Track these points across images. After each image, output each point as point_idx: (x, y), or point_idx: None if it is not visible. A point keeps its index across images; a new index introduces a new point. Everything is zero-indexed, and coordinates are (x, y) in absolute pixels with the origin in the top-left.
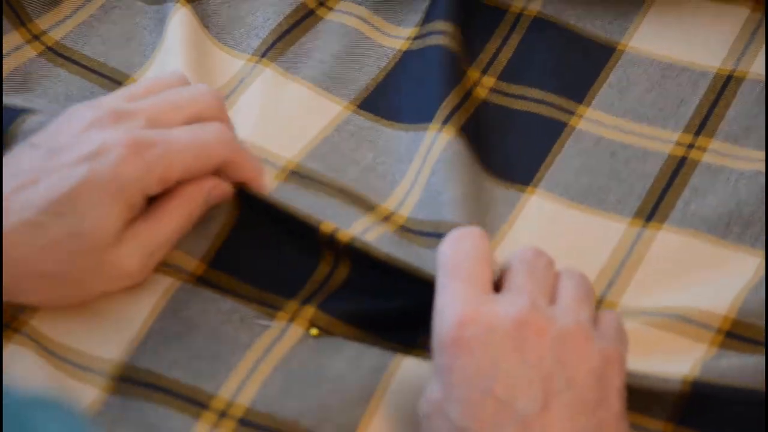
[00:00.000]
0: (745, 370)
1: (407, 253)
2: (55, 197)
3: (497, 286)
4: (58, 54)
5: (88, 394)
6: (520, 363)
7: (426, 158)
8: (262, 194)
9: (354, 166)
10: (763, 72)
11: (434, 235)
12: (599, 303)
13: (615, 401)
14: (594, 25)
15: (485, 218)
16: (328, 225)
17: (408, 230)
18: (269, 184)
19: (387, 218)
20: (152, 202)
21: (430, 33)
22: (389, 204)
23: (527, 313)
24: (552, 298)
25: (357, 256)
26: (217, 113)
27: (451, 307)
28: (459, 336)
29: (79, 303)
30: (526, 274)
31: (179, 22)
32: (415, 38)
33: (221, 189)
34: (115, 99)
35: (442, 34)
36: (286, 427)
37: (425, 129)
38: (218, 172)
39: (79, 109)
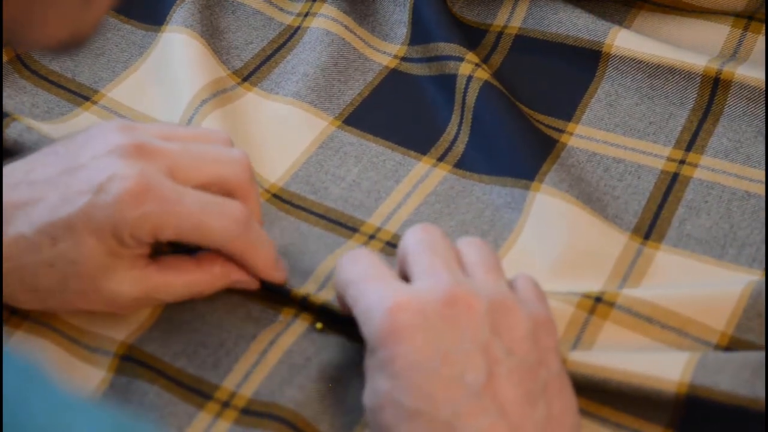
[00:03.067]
0: (743, 374)
1: None
2: (52, 221)
3: (405, 280)
4: (25, 66)
5: (96, 376)
6: (459, 339)
7: (418, 186)
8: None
9: (338, 182)
10: (748, 74)
11: None
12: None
13: (553, 362)
14: (577, 26)
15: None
16: (298, 292)
17: (394, 247)
18: (282, 277)
19: (372, 236)
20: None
21: (431, 58)
22: (374, 220)
23: (453, 290)
24: (461, 268)
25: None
26: (244, 186)
27: (377, 302)
28: (394, 324)
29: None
30: (429, 253)
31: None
32: (404, 59)
33: (247, 285)
34: (150, 131)
35: (452, 60)
36: (286, 416)
37: (418, 158)
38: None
39: (112, 129)
